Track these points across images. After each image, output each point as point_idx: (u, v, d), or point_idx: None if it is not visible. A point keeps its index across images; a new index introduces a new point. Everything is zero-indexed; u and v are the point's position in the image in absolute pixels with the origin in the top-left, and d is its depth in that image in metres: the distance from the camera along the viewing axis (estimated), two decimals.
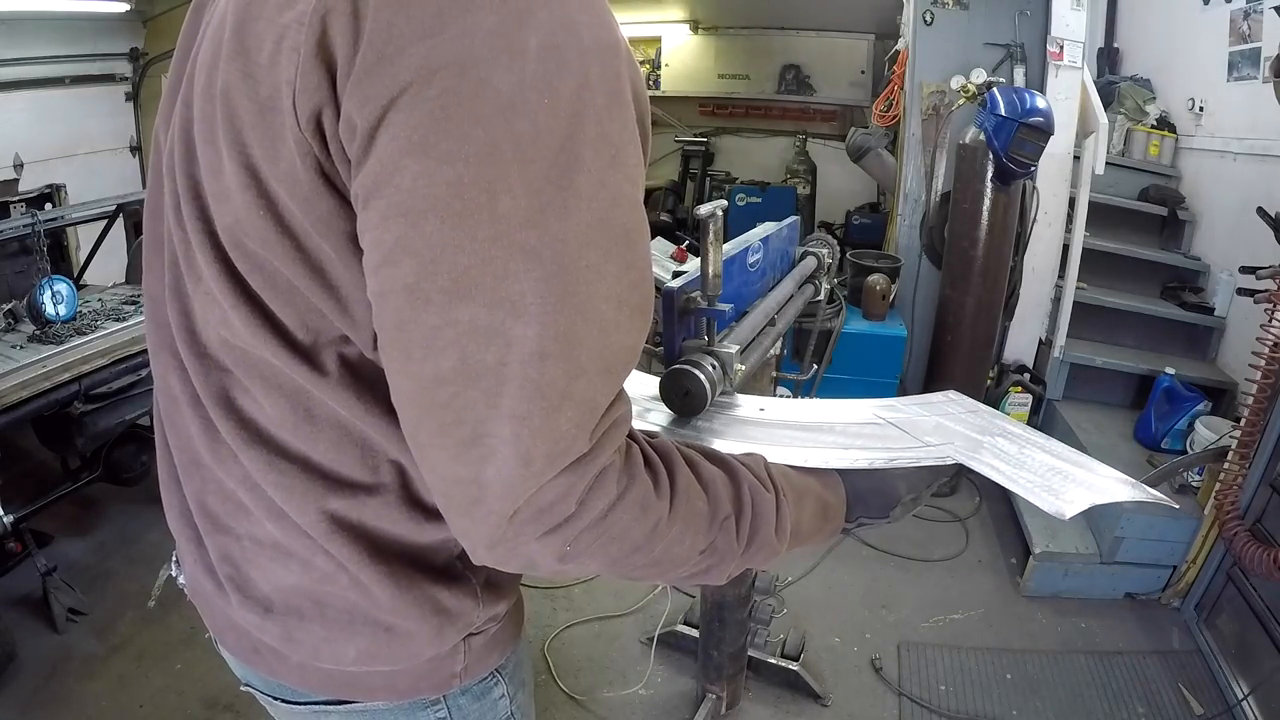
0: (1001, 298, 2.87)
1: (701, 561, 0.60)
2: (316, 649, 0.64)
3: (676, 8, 5.28)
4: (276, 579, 0.63)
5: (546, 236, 0.44)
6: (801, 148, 5.21)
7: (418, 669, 0.67)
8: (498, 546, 0.50)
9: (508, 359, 0.45)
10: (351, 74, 0.44)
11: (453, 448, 0.47)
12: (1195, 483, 2.43)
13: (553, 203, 0.44)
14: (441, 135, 0.42)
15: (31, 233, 2.42)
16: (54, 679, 2.02)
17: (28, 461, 2.63)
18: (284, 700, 0.73)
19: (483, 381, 0.45)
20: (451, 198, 0.43)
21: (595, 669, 2.12)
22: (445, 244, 0.43)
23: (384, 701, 0.70)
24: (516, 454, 0.46)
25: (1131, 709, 2.02)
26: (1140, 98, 3.52)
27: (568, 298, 0.45)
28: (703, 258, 0.94)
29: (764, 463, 0.67)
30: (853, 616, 2.34)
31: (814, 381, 1.90)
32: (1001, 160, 2.53)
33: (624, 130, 0.48)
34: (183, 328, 0.60)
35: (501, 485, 0.47)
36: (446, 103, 0.42)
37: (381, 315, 0.48)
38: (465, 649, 0.69)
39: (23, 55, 3.93)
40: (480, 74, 0.42)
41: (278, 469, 0.58)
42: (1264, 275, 2.16)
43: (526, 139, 0.43)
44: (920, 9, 3.01)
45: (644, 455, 0.55)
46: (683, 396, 0.88)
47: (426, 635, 0.64)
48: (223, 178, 0.52)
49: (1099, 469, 0.74)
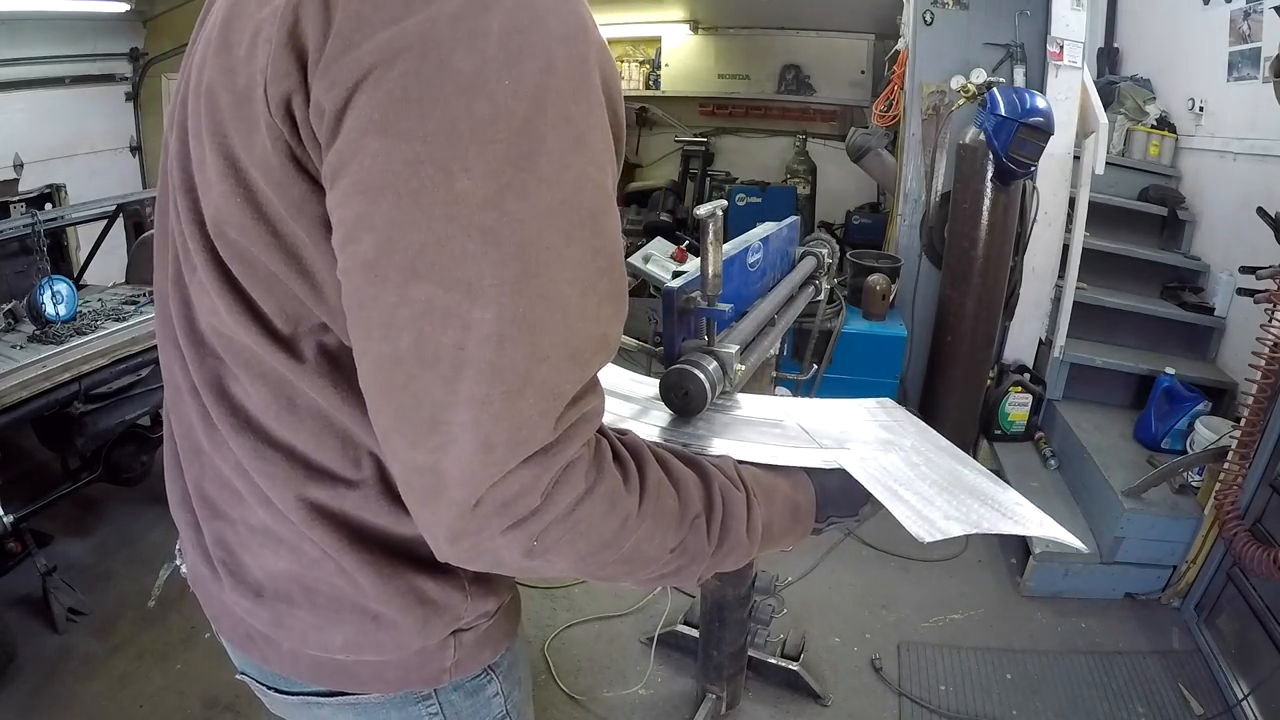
0: (1001, 298, 2.87)
1: (672, 561, 0.59)
2: (305, 635, 0.65)
3: (676, 8, 5.28)
4: (268, 564, 0.64)
5: (505, 217, 0.44)
6: (801, 148, 5.21)
7: (406, 661, 0.67)
8: (460, 540, 0.49)
9: (465, 342, 0.44)
10: (320, 60, 0.45)
11: (411, 433, 0.47)
12: (1195, 483, 2.43)
13: (512, 184, 0.44)
14: (401, 114, 0.43)
15: (31, 233, 2.43)
16: (54, 679, 2.02)
17: (28, 461, 2.63)
18: (277, 690, 0.74)
19: (440, 365, 0.45)
20: (409, 175, 0.43)
21: (595, 669, 2.12)
22: (402, 221, 0.44)
23: (376, 694, 0.70)
24: (477, 440, 0.45)
25: (1131, 709, 2.02)
26: (1140, 98, 3.52)
27: (528, 280, 0.45)
28: (703, 258, 0.94)
29: (734, 463, 0.67)
30: (853, 616, 2.34)
31: (814, 381, 1.90)
32: (1001, 160, 2.53)
33: (590, 115, 0.48)
34: (183, 318, 0.62)
35: (462, 473, 0.46)
36: (407, 83, 0.43)
37: (346, 295, 0.48)
38: (456, 644, 0.69)
39: (23, 55, 3.93)
40: (441, 55, 0.43)
41: (263, 456, 0.59)
42: (1264, 275, 2.16)
43: (485, 120, 0.43)
44: (920, 9, 3.01)
45: (613, 450, 0.55)
46: (683, 396, 0.87)
47: (411, 626, 0.64)
48: (206, 169, 0.54)
49: (1010, 498, 0.74)
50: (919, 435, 0.84)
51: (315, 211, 0.50)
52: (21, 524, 2.17)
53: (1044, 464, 2.95)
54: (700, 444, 0.78)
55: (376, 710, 0.71)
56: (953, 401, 2.95)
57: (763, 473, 0.70)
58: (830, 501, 0.73)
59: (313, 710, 0.73)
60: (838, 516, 0.75)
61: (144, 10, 4.50)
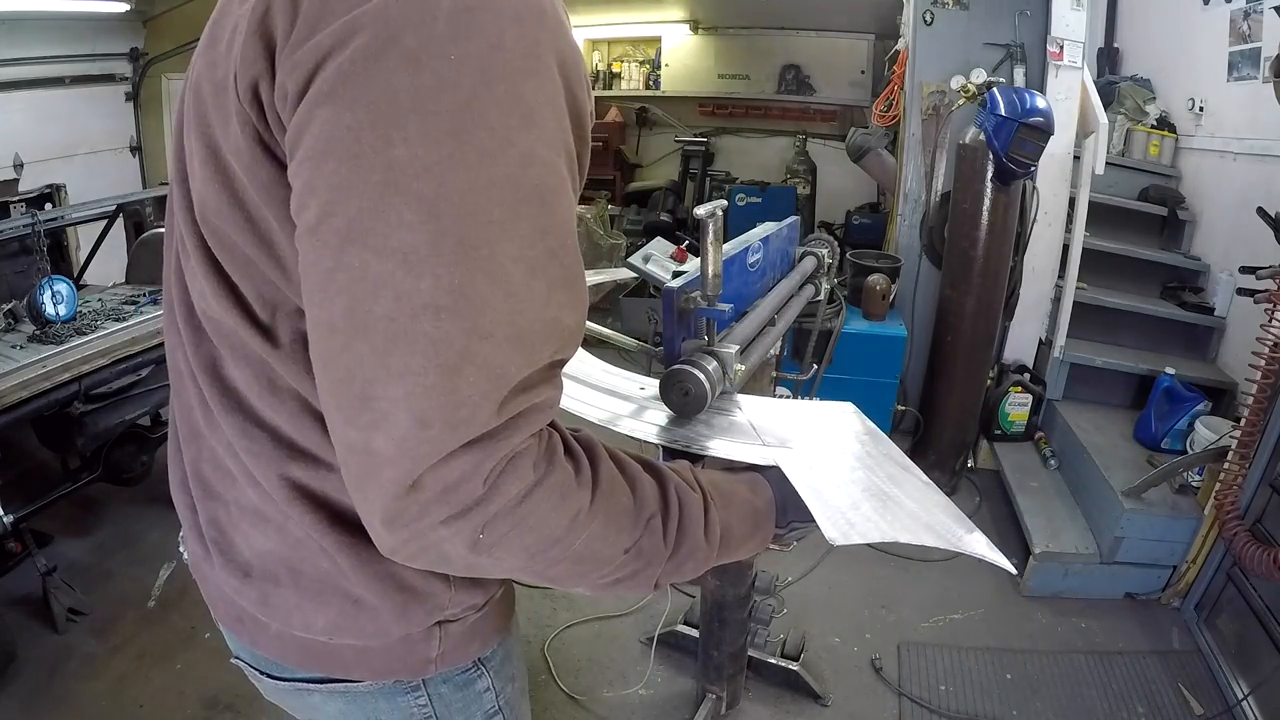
0: (1001, 298, 2.87)
1: (627, 564, 0.58)
2: (289, 615, 0.66)
3: (676, 8, 5.28)
4: (256, 544, 0.65)
5: (444, 189, 0.44)
6: (801, 148, 5.21)
7: (390, 649, 0.68)
8: (397, 527, 0.47)
9: (398, 313, 0.44)
10: (286, 46, 0.46)
11: (346, 408, 0.46)
12: (1195, 483, 2.43)
13: (453, 155, 0.44)
14: (348, 85, 0.44)
15: (31, 233, 2.43)
16: (54, 679, 2.02)
17: (28, 461, 2.63)
18: (269, 675, 0.74)
19: (372, 335, 0.44)
20: (350, 141, 0.44)
21: (595, 669, 2.12)
22: (341, 186, 0.44)
23: (366, 682, 0.70)
24: (410, 415, 0.44)
25: (1131, 709, 2.02)
26: (1140, 98, 3.52)
27: (466, 252, 0.44)
28: (703, 258, 0.94)
29: (690, 467, 0.67)
30: (853, 616, 2.34)
31: (814, 381, 1.90)
32: (1001, 160, 2.53)
33: (540, 93, 0.48)
34: (182, 303, 0.64)
35: (395, 450, 0.45)
36: (356, 58, 0.44)
37: (299, 263, 0.48)
38: (441, 634, 0.69)
39: (23, 55, 3.93)
40: (390, 31, 0.44)
41: (250, 435, 0.60)
42: (1264, 275, 2.16)
43: (428, 92, 0.44)
44: (920, 9, 3.01)
45: (565, 443, 0.54)
46: (683, 396, 0.88)
47: (390, 611, 0.64)
48: (193, 158, 0.56)
49: (937, 507, 0.75)
50: (874, 444, 0.84)
51: (282, 194, 0.51)
52: (21, 524, 2.17)
53: (1044, 464, 2.95)
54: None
55: (366, 699, 0.72)
56: (953, 401, 2.95)
57: (720, 476, 0.70)
58: (791, 505, 0.73)
59: (304, 697, 0.74)
60: (799, 521, 0.74)
61: (144, 10, 4.50)
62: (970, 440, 3.05)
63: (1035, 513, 2.62)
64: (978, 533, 0.74)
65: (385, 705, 0.72)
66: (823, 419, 0.88)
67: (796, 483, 0.70)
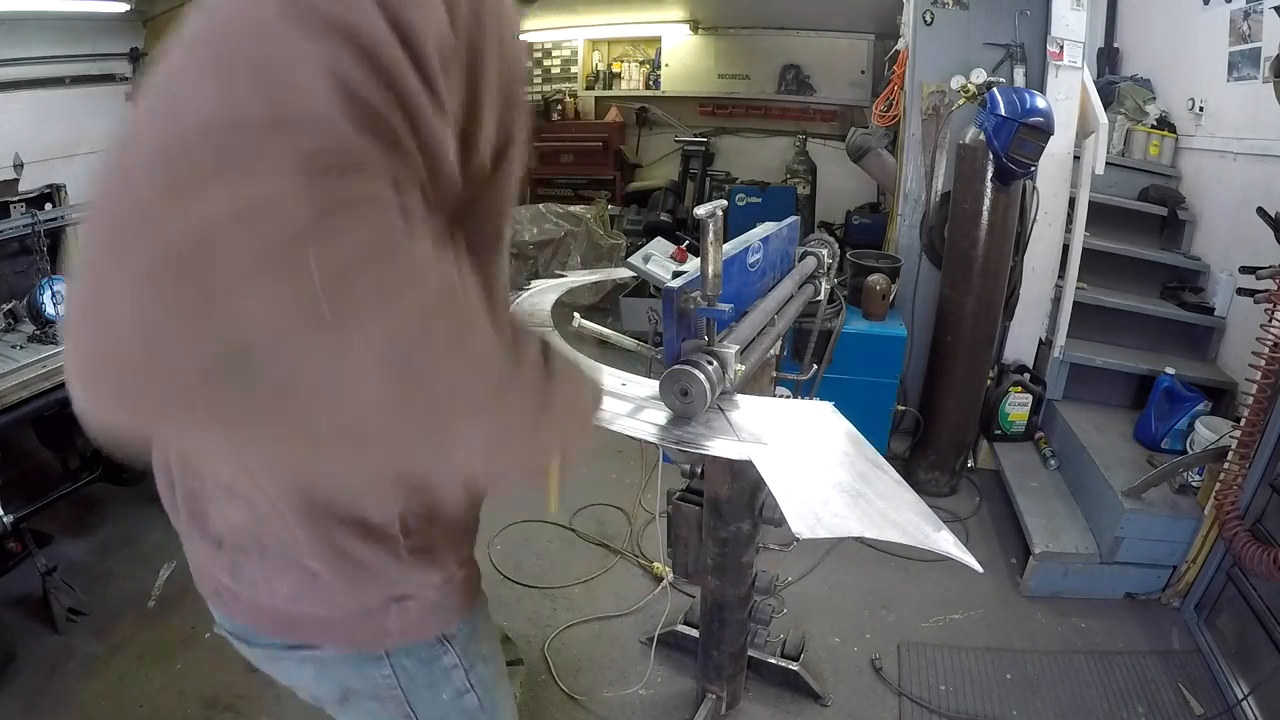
0: (1001, 298, 2.87)
1: (492, 408, 0.47)
2: (255, 584, 0.72)
3: (676, 8, 5.29)
4: (228, 517, 0.71)
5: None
6: (801, 148, 5.21)
7: (349, 619, 0.73)
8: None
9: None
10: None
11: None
12: (1195, 483, 2.43)
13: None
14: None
15: (31, 233, 2.43)
16: (54, 679, 2.02)
17: (28, 461, 2.63)
18: (246, 642, 0.80)
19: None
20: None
21: (595, 669, 2.12)
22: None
23: (331, 649, 0.75)
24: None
25: (1131, 709, 2.02)
26: (1140, 98, 3.52)
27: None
28: (703, 258, 0.94)
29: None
30: (853, 616, 2.34)
31: (814, 381, 1.90)
32: (1001, 160, 2.53)
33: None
34: None
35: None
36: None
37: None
38: (398, 610, 0.73)
39: (23, 55, 3.93)
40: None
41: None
42: (1264, 275, 2.16)
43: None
44: (920, 9, 3.01)
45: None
46: (682, 396, 0.88)
47: (342, 585, 0.69)
48: None
49: (906, 505, 0.78)
50: (849, 443, 0.87)
51: None
52: (21, 524, 2.17)
53: (1044, 464, 2.95)
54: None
55: (335, 665, 0.77)
56: (953, 401, 2.95)
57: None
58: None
59: (279, 662, 0.79)
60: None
61: (144, 10, 4.50)
62: (970, 440, 3.05)
63: (1035, 513, 2.62)
64: (945, 530, 0.78)
65: (353, 673, 0.77)
66: (801, 417, 0.90)
67: (767, 478, 0.74)
